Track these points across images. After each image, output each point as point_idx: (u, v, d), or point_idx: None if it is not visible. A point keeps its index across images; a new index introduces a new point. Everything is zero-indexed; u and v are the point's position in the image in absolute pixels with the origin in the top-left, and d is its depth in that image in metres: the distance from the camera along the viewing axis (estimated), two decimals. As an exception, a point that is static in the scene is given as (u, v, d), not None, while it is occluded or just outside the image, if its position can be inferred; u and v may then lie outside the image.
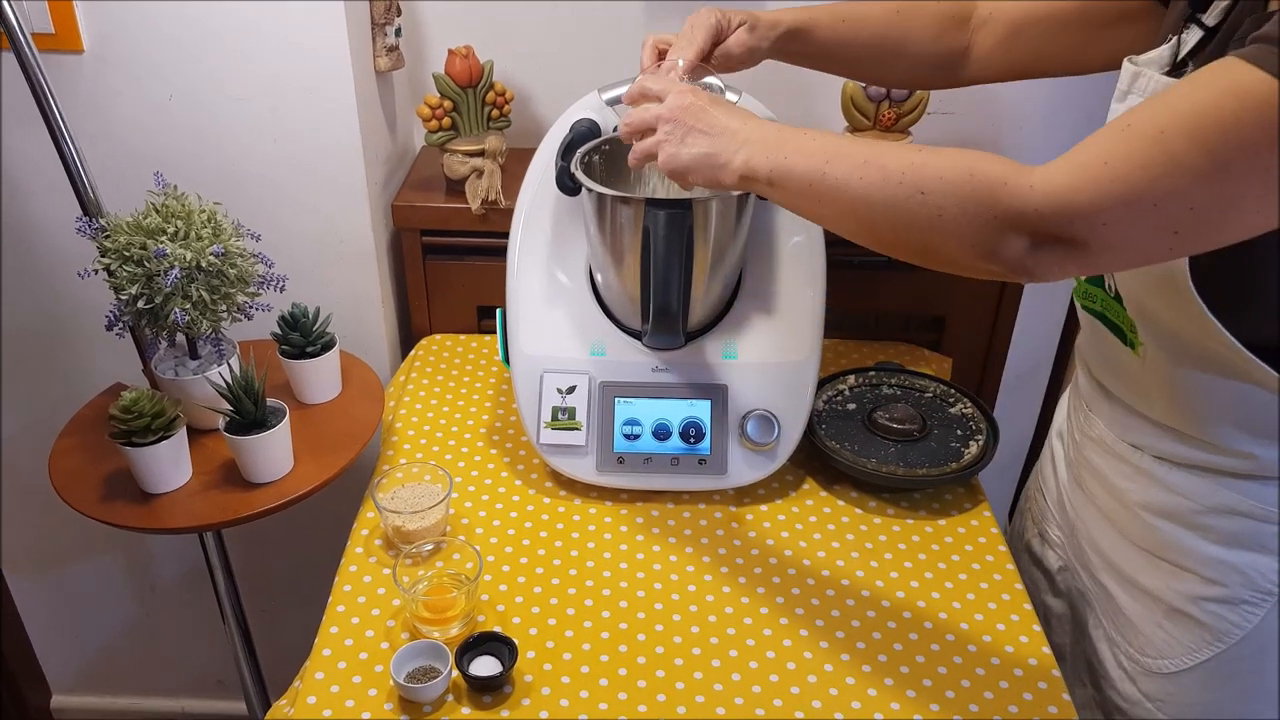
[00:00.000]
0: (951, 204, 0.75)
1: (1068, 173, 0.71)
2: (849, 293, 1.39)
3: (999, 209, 0.73)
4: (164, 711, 1.95)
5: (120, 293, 1.09)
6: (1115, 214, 0.69)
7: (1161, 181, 0.67)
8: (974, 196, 0.74)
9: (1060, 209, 0.70)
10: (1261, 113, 0.64)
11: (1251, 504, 0.90)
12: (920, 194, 0.76)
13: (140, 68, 1.26)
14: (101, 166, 1.23)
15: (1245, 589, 0.92)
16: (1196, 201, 0.68)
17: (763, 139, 0.86)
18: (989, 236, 0.74)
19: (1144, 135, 0.68)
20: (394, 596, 1.05)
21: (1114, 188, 0.69)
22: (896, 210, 0.78)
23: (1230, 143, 0.66)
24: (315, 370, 1.26)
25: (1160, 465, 0.96)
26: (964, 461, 1.19)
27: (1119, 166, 0.69)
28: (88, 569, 1.75)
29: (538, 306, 1.20)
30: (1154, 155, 0.67)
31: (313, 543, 1.66)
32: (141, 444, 1.09)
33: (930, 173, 0.76)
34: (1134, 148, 0.68)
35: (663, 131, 0.91)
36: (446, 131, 1.39)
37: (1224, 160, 0.66)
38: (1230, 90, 0.66)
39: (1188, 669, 0.97)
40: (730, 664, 0.98)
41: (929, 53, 1.10)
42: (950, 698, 0.95)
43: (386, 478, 1.15)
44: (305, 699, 0.94)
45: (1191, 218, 0.68)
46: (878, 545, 1.13)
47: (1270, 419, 0.87)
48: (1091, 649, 1.08)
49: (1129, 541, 1.00)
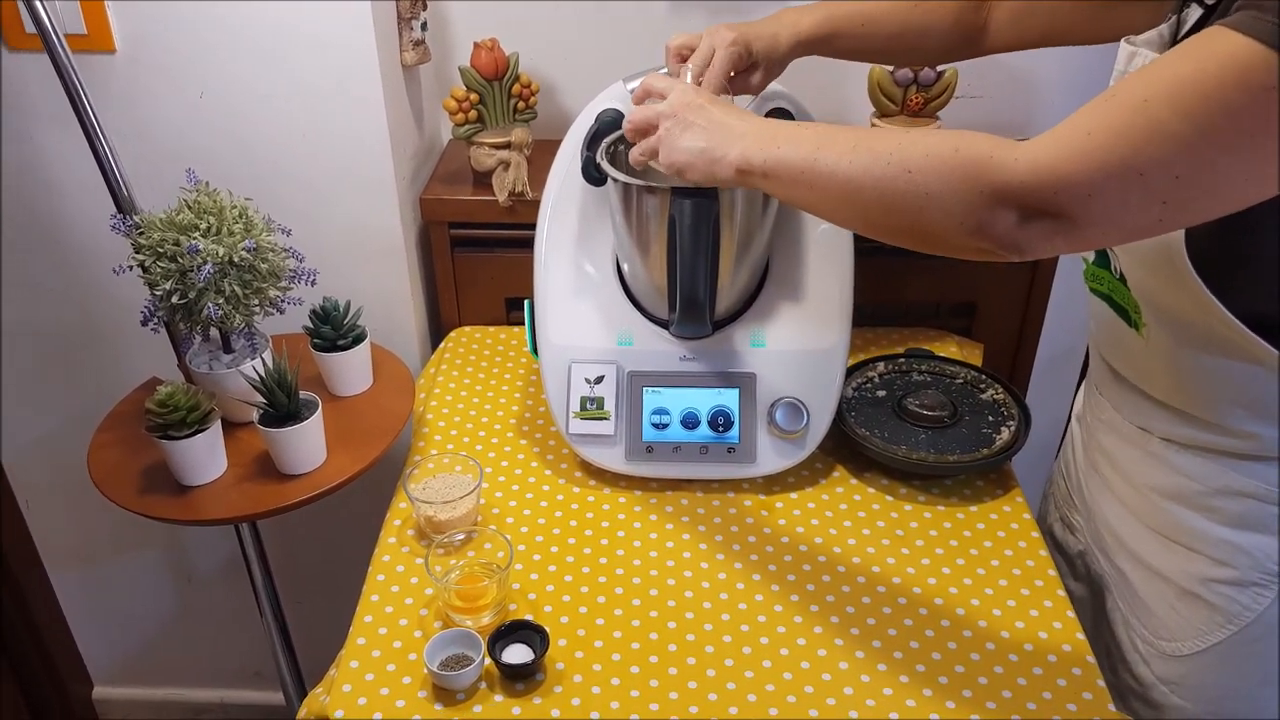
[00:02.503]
0: (937, 181, 0.75)
1: (1052, 144, 0.71)
2: (879, 281, 1.38)
3: (985, 183, 0.73)
4: (203, 702, 1.98)
5: (154, 288, 1.11)
6: (1101, 184, 0.69)
7: (1145, 150, 0.67)
8: (960, 171, 0.74)
9: (1046, 180, 0.70)
10: (1244, 77, 0.64)
11: (1257, 485, 0.90)
12: (908, 173, 0.76)
13: (171, 67, 1.28)
14: (134, 165, 1.25)
15: (1254, 571, 0.92)
16: (1182, 170, 0.67)
17: (757, 133, 0.87)
18: (977, 212, 0.74)
19: (1127, 105, 0.68)
20: (426, 586, 1.06)
21: (1098, 157, 0.68)
22: (886, 190, 0.78)
23: (1213, 109, 0.65)
24: (347, 363, 1.27)
25: (1167, 447, 0.96)
26: (995, 448, 1.18)
27: (1102, 137, 0.68)
28: (126, 562, 1.78)
29: (565, 297, 1.21)
30: (1137, 124, 0.67)
31: (346, 533, 1.67)
32: (177, 437, 1.10)
33: (917, 151, 0.76)
34: (1117, 118, 0.68)
35: (663, 128, 0.92)
36: (473, 124, 1.40)
37: (1207, 127, 0.65)
38: (1212, 56, 0.65)
39: (1200, 651, 0.97)
40: (760, 651, 0.98)
41: (948, 36, 1.11)
42: (983, 684, 0.95)
43: (418, 468, 1.16)
44: (340, 687, 0.95)
45: (1178, 187, 0.67)
46: (908, 533, 1.12)
47: (1272, 398, 0.86)
48: (1109, 632, 1.08)
49: (1141, 524, 1.01)
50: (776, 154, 0.85)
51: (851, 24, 1.10)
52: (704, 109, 0.91)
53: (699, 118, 0.90)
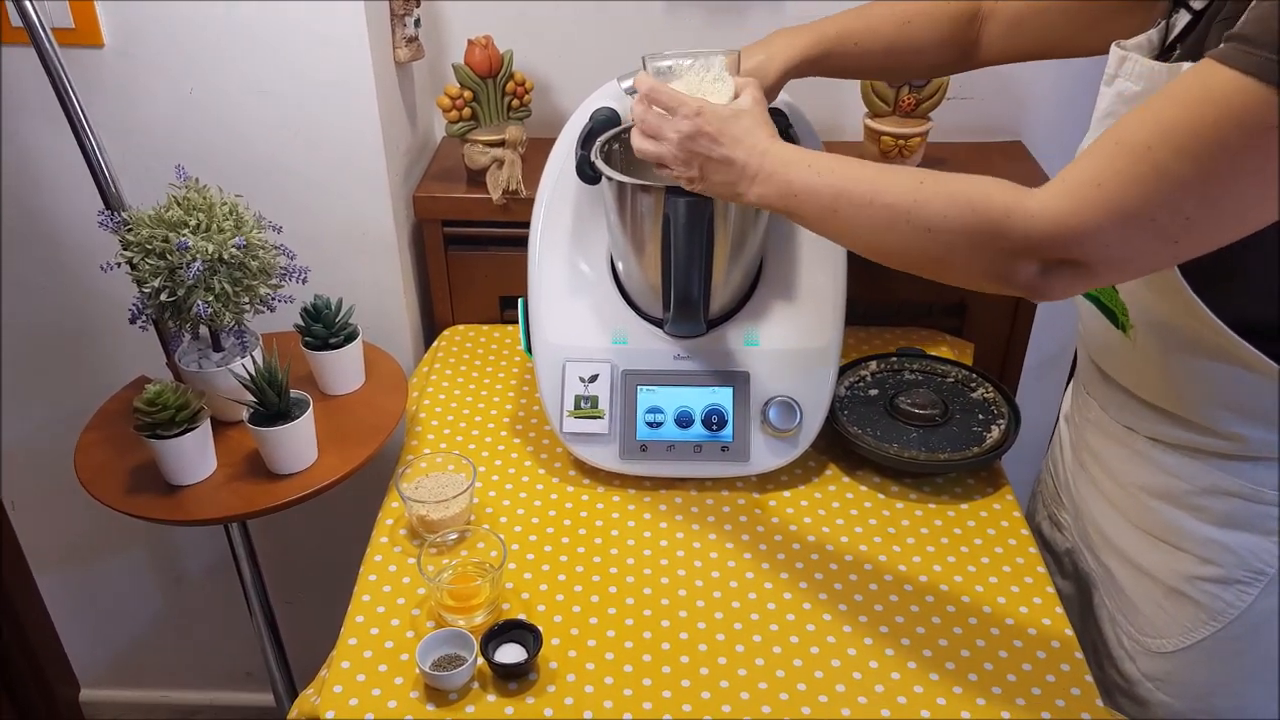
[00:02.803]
0: (960, 239, 0.78)
1: (1065, 196, 0.73)
2: (871, 280, 1.38)
3: (1005, 240, 0.76)
4: (193, 703, 1.97)
5: (143, 286, 1.10)
6: (1115, 233, 0.72)
7: (1154, 197, 0.70)
8: (980, 230, 0.77)
9: (1062, 234, 0.73)
10: (1239, 116, 0.66)
11: (1243, 484, 0.91)
12: (928, 232, 0.79)
13: (161, 62, 1.27)
14: (123, 160, 1.24)
15: (1239, 569, 0.93)
16: (1191, 211, 0.70)
17: (769, 175, 0.89)
18: (999, 265, 0.77)
19: (1132, 152, 0.70)
20: (419, 585, 1.05)
21: (1110, 208, 0.71)
22: (908, 247, 0.82)
23: (1214, 151, 0.67)
24: (338, 361, 1.26)
25: (1154, 446, 0.97)
26: (986, 446, 1.19)
27: (1111, 187, 0.71)
28: (114, 562, 1.76)
29: (559, 296, 1.21)
30: (1143, 172, 0.70)
31: (338, 533, 1.66)
32: (166, 436, 1.09)
33: (934, 211, 0.79)
34: (1123, 166, 0.71)
35: (678, 169, 0.94)
36: (467, 122, 1.39)
37: (1210, 169, 0.68)
38: (1207, 98, 0.67)
39: (1185, 648, 0.98)
40: (753, 649, 0.98)
41: (940, 52, 1.11)
42: (973, 680, 0.95)
43: (410, 468, 1.15)
44: (332, 688, 0.95)
45: (1189, 226, 0.70)
46: (900, 530, 1.13)
47: (1259, 401, 0.87)
48: (1096, 630, 1.09)
49: (1128, 522, 1.01)
50: (795, 203, 0.87)
51: (844, 43, 1.09)
52: (713, 144, 0.91)
53: (712, 151, 0.91)
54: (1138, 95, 0.87)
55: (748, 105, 0.93)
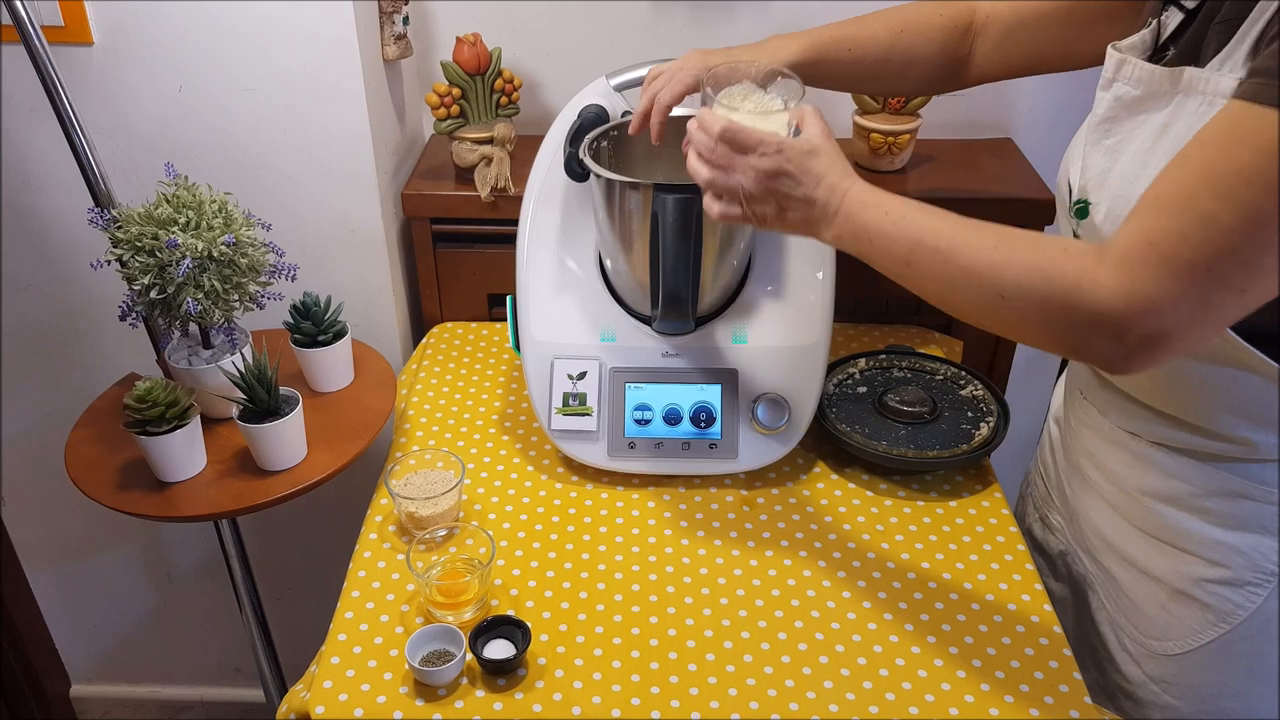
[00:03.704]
0: (1033, 308, 0.77)
1: (1128, 266, 0.72)
2: (860, 278, 1.38)
3: (1078, 314, 0.75)
4: (182, 699, 1.97)
5: (133, 283, 1.10)
6: (1180, 291, 0.70)
7: (1206, 246, 0.69)
8: (1053, 301, 0.76)
9: (1135, 308, 0.72)
10: (1272, 151, 0.65)
11: (1251, 486, 0.90)
12: (1000, 297, 0.78)
13: (150, 60, 1.27)
14: (112, 158, 1.24)
15: (1248, 570, 0.92)
16: (1246, 254, 0.68)
17: (847, 215, 0.87)
18: (1074, 337, 0.77)
19: (1175, 206, 0.70)
20: (408, 582, 1.05)
21: (1169, 267, 0.70)
22: (982, 307, 0.81)
23: (1257, 190, 0.67)
24: (327, 359, 1.26)
25: (1158, 451, 0.96)
26: (974, 443, 1.19)
27: (1165, 245, 0.70)
28: (104, 559, 1.76)
29: (548, 293, 1.21)
30: (1190, 223, 0.69)
31: (327, 530, 1.67)
32: (156, 433, 1.09)
33: (1009, 277, 0.78)
34: (1170, 222, 0.70)
35: (753, 207, 0.90)
36: (455, 119, 1.39)
37: (1255, 208, 0.67)
38: (1240, 138, 0.67)
39: (1192, 650, 0.97)
40: (742, 645, 0.99)
41: (934, 64, 1.11)
42: (961, 677, 0.95)
43: (399, 464, 1.16)
44: (321, 683, 0.95)
45: (1248, 269, 0.69)
46: (889, 527, 1.13)
47: (1263, 405, 0.87)
48: (1094, 632, 1.08)
49: (1131, 525, 1.01)
50: (869, 250, 0.87)
51: (838, 49, 1.08)
52: (794, 184, 0.87)
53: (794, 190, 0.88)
54: (1137, 100, 0.86)
55: (820, 140, 0.89)
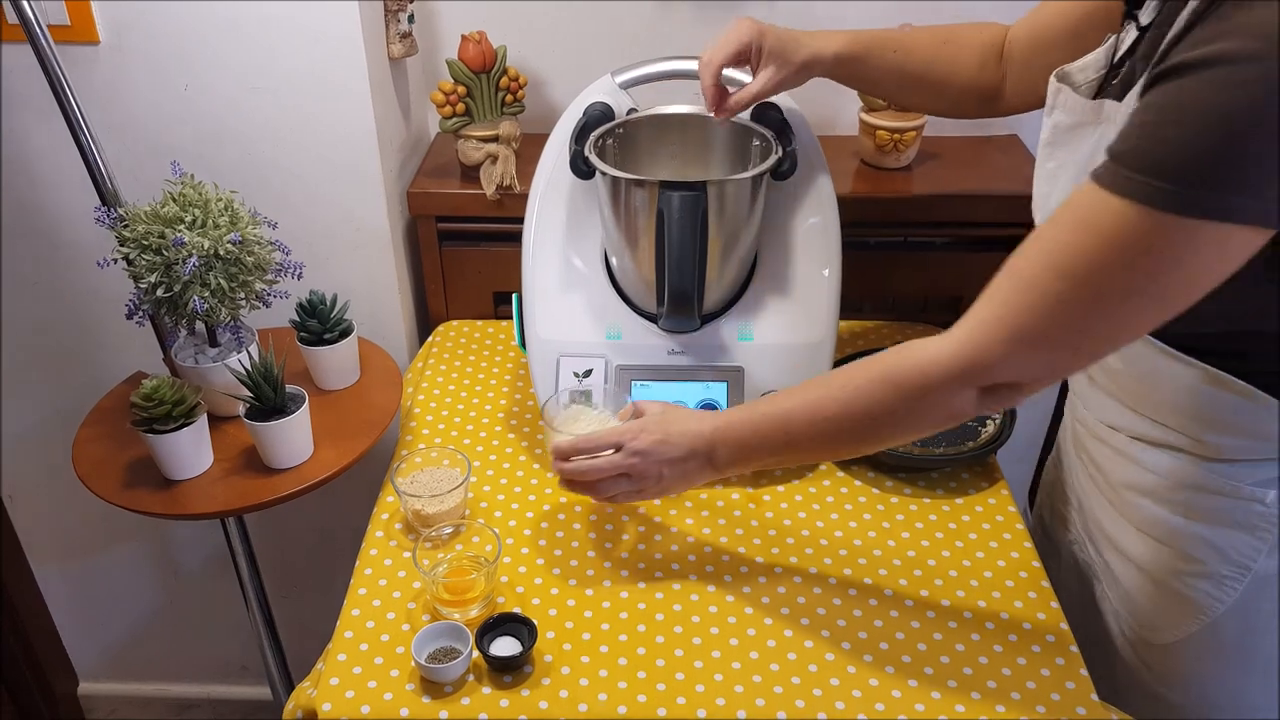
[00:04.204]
0: (901, 409, 0.85)
1: (968, 335, 0.80)
2: (866, 274, 1.39)
3: (934, 392, 0.83)
4: (189, 697, 1.97)
5: (139, 281, 1.10)
6: (1021, 357, 0.78)
7: (1047, 319, 0.76)
8: (911, 397, 0.84)
9: (974, 367, 0.80)
10: (1115, 239, 0.70)
11: (1222, 482, 0.91)
12: (873, 419, 0.87)
13: (156, 58, 1.27)
14: (119, 157, 1.24)
15: (1222, 564, 0.93)
16: (1084, 325, 0.75)
17: (724, 442, 0.95)
18: (943, 410, 0.84)
19: (1024, 280, 0.77)
20: (414, 579, 1.06)
21: (1010, 336, 0.78)
22: (863, 438, 0.90)
23: (1096, 273, 0.72)
24: (333, 357, 1.26)
25: (1135, 445, 0.98)
26: (980, 441, 1.19)
27: (1010, 317, 0.78)
28: (112, 556, 1.77)
29: (553, 291, 1.21)
30: (1035, 299, 0.76)
31: (333, 527, 1.67)
32: (163, 431, 1.10)
33: (868, 405, 0.86)
34: (1018, 296, 0.77)
35: (648, 486, 0.98)
36: (460, 117, 1.39)
37: (1095, 289, 0.73)
38: (1087, 222, 0.72)
39: (1179, 641, 0.99)
40: (747, 643, 0.99)
41: (971, 84, 1.11)
42: (968, 674, 0.95)
43: (405, 462, 1.16)
44: (328, 680, 0.95)
45: (1086, 337, 0.76)
46: (895, 525, 1.13)
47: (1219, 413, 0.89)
48: (1099, 621, 1.09)
49: (1122, 517, 1.02)
50: (755, 454, 0.95)
51: (884, 50, 1.08)
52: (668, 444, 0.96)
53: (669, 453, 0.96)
54: (1070, 128, 0.91)
55: (658, 408, 1.01)
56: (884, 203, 1.40)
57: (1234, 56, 0.65)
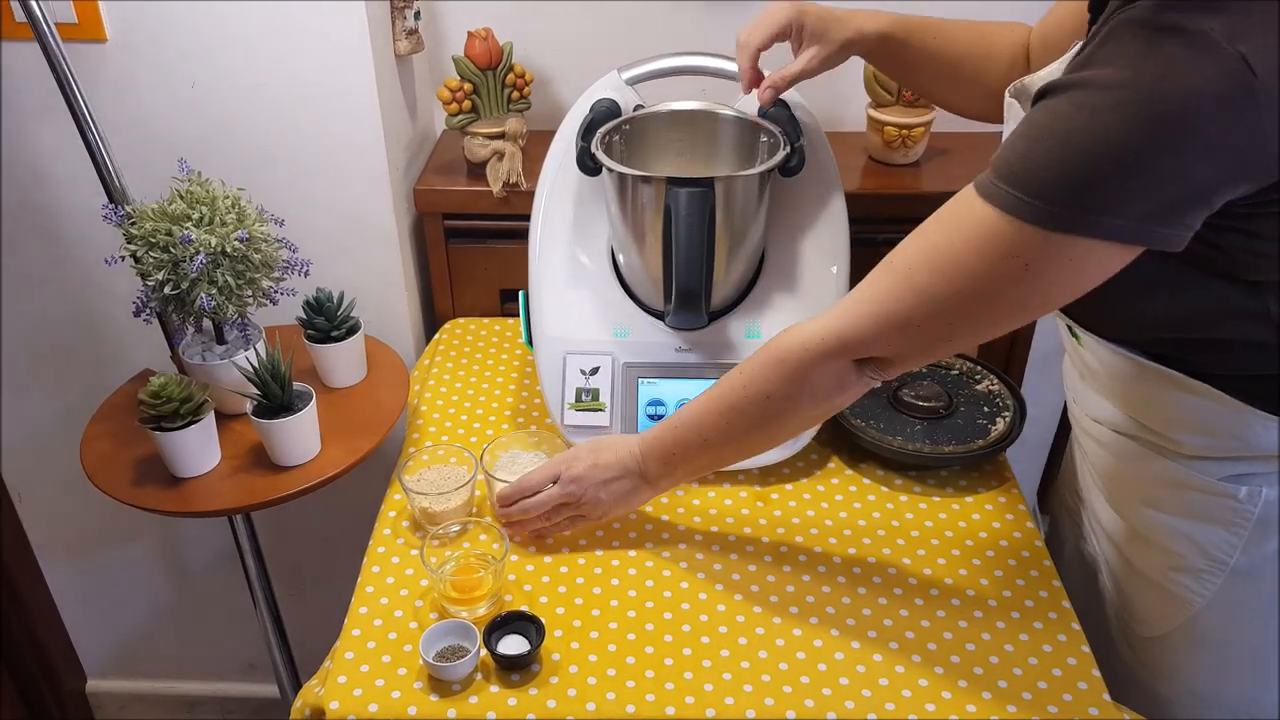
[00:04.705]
0: (792, 385, 0.91)
1: (846, 309, 0.87)
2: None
3: (816, 365, 0.89)
4: (197, 695, 1.97)
5: (147, 279, 1.10)
6: (889, 337, 0.84)
7: (915, 308, 0.81)
8: (797, 370, 0.90)
9: (844, 341, 0.87)
10: (984, 244, 0.75)
11: (1196, 477, 0.92)
12: (768, 399, 0.93)
13: (163, 56, 1.27)
14: (126, 154, 1.24)
15: (1200, 559, 0.94)
16: (950, 318, 0.80)
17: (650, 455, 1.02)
18: (828, 380, 0.90)
19: (897, 272, 0.83)
20: (422, 577, 1.05)
21: (878, 319, 0.84)
22: (769, 422, 0.95)
23: (963, 274, 0.77)
24: (340, 354, 1.26)
25: (1117, 439, 0.99)
26: (990, 438, 1.18)
27: (881, 304, 0.84)
28: (120, 554, 1.77)
29: (560, 288, 1.21)
30: (904, 290, 0.82)
31: (341, 525, 1.67)
32: (170, 429, 1.10)
33: (763, 384, 0.92)
34: (890, 286, 0.83)
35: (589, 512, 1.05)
36: (467, 114, 1.39)
37: (961, 288, 0.78)
38: (961, 225, 0.77)
39: (1165, 634, 1.00)
40: (756, 641, 0.98)
41: (1002, 83, 1.10)
42: (978, 674, 0.95)
43: (413, 460, 1.16)
44: (335, 678, 0.95)
45: (953, 329, 0.81)
46: (904, 523, 1.12)
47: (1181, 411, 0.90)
48: (1100, 613, 1.10)
49: (1113, 511, 1.03)
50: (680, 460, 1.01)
51: (924, 35, 1.08)
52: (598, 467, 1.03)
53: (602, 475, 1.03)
54: None
55: (582, 440, 1.10)
56: (892, 199, 1.39)
57: (1098, 82, 0.69)
